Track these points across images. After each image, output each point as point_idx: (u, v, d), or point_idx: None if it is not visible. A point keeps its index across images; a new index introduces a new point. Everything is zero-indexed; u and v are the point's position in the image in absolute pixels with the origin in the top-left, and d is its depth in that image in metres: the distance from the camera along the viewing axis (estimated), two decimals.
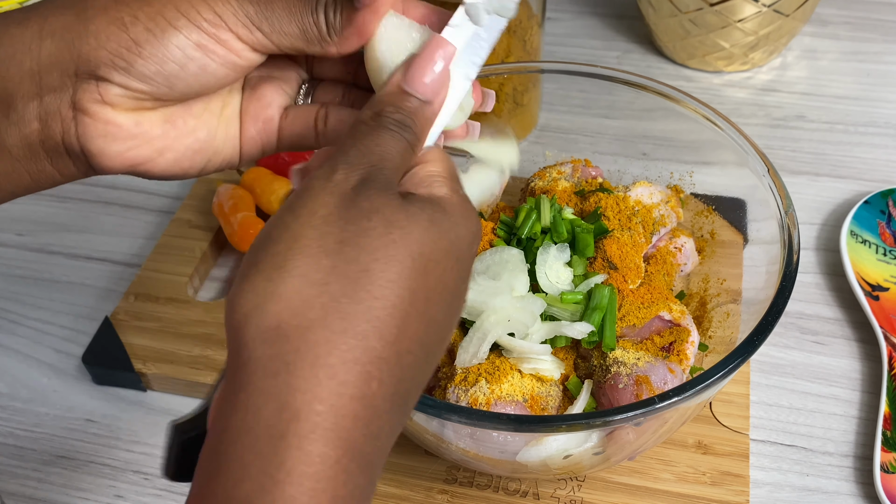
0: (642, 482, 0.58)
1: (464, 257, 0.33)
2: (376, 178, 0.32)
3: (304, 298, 0.29)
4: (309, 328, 0.29)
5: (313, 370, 0.28)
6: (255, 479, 0.27)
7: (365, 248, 0.30)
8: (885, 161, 0.82)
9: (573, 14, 1.03)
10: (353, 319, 0.29)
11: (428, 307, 0.31)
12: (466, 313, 0.52)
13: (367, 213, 0.31)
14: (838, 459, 0.60)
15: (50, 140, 0.37)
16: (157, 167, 0.39)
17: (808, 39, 0.97)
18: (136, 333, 0.68)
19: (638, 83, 0.62)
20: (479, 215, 0.62)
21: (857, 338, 0.67)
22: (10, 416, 0.66)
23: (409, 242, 0.31)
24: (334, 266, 0.30)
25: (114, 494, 0.61)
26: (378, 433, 0.29)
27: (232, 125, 0.41)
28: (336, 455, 0.28)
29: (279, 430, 0.28)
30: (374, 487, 0.31)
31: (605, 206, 0.59)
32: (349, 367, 0.29)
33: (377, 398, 0.29)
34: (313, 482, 0.27)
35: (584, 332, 0.52)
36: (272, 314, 0.29)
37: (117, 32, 0.35)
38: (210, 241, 0.75)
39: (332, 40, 0.37)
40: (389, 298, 0.30)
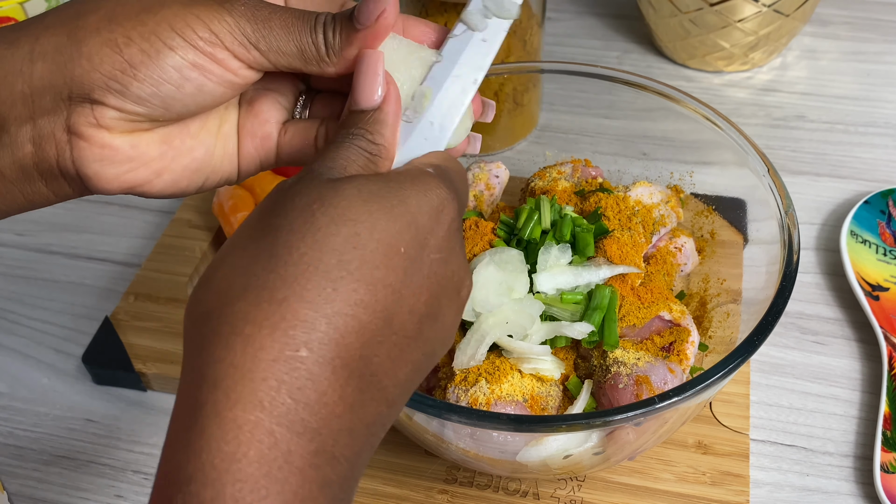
0: (642, 482, 0.58)
1: (421, 223, 0.32)
2: (309, 173, 0.33)
3: (228, 281, 0.30)
4: (228, 304, 0.29)
5: (228, 340, 0.29)
6: (181, 452, 0.28)
7: (284, 225, 0.31)
8: (885, 161, 0.82)
9: (573, 14, 1.03)
10: (269, 288, 0.29)
11: (365, 269, 0.30)
12: (465, 315, 0.52)
13: (290, 197, 0.32)
14: (838, 459, 0.60)
15: (44, 163, 0.36)
16: (155, 188, 0.38)
17: (808, 39, 0.97)
18: (136, 333, 0.68)
19: (638, 83, 0.62)
20: (479, 215, 0.62)
21: (857, 338, 0.67)
22: (10, 416, 0.66)
23: (329, 211, 0.31)
24: (258, 247, 0.31)
25: (114, 494, 0.61)
26: (319, 399, 0.29)
27: (230, 142, 0.40)
28: (255, 418, 0.28)
29: (200, 401, 0.28)
30: (338, 461, 0.30)
31: (605, 206, 0.59)
32: (266, 332, 0.29)
33: (307, 362, 0.29)
34: (232, 446, 0.27)
35: (584, 333, 0.52)
36: (203, 302, 0.30)
37: (111, 54, 0.34)
38: (210, 241, 0.75)
39: (330, 61, 0.37)
40: (308, 263, 0.30)
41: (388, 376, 0.31)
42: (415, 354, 0.33)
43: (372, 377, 0.31)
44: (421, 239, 0.32)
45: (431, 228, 0.33)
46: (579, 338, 0.53)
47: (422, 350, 0.33)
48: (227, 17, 0.35)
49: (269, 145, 0.40)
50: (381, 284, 0.31)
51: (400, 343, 0.32)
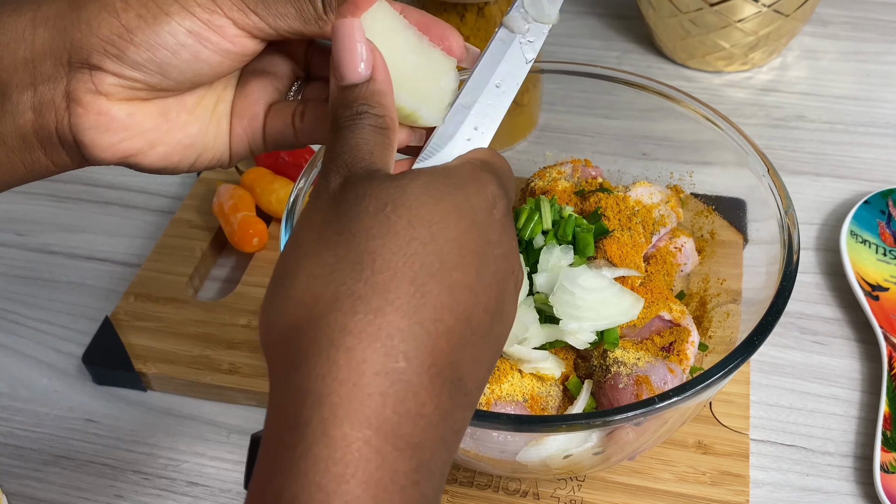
0: (642, 482, 0.58)
1: (481, 219, 0.32)
2: (355, 170, 0.32)
3: (314, 293, 0.29)
4: (321, 316, 0.29)
5: (329, 354, 0.28)
6: (284, 471, 0.27)
7: (360, 230, 0.30)
8: (885, 161, 0.82)
9: (573, 14, 1.03)
10: (362, 298, 0.29)
11: (445, 272, 0.30)
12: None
13: (356, 201, 0.31)
14: (838, 459, 0.60)
15: (44, 130, 0.36)
16: (148, 159, 0.38)
17: (808, 39, 0.97)
18: (136, 333, 0.68)
19: (638, 83, 0.62)
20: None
21: (857, 338, 0.67)
22: (10, 416, 0.66)
23: (403, 212, 0.30)
24: (337, 256, 0.30)
25: (114, 494, 0.61)
26: (419, 412, 0.28)
27: (223, 122, 0.40)
28: (363, 436, 0.27)
29: (304, 419, 0.27)
30: (434, 474, 0.29)
31: (605, 206, 0.59)
32: (366, 343, 0.28)
33: (407, 372, 0.28)
34: (340, 467, 0.27)
35: (584, 343, 0.52)
36: (288, 316, 0.29)
37: (109, 19, 0.35)
38: (210, 241, 0.75)
39: (328, 18, 0.36)
40: (395, 269, 0.29)
41: (472, 378, 0.31)
42: (489, 352, 0.32)
43: (460, 381, 0.30)
44: (484, 235, 0.32)
45: (490, 224, 0.33)
46: (580, 347, 0.53)
47: (493, 347, 0.33)
48: None
49: (256, 126, 0.40)
50: (461, 286, 0.30)
51: (478, 343, 0.31)
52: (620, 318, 0.53)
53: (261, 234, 0.73)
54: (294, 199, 0.54)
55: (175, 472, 0.62)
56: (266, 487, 0.28)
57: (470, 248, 0.31)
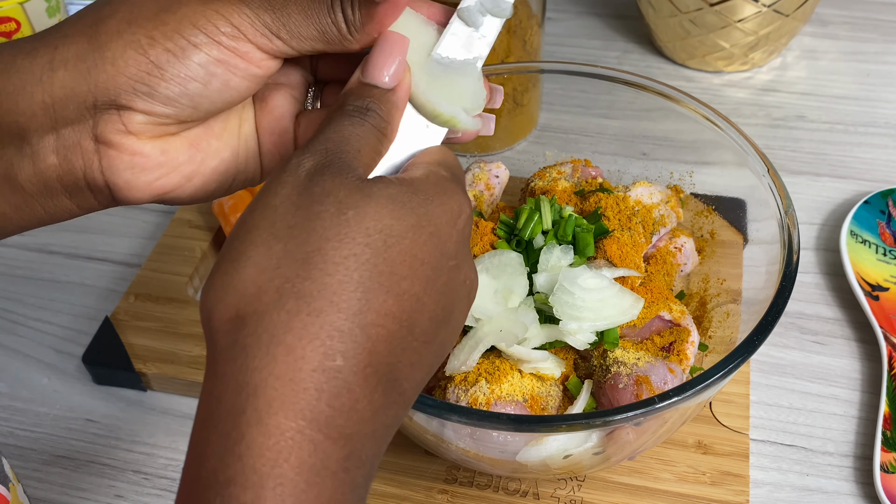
0: (642, 482, 0.58)
1: (442, 232, 0.33)
2: (332, 162, 0.32)
3: (258, 285, 0.30)
4: (265, 312, 0.29)
5: (269, 349, 0.29)
6: (219, 456, 0.28)
7: (315, 230, 0.30)
8: (885, 161, 0.82)
9: (573, 14, 1.03)
10: (307, 297, 0.29)
11: (394, 281, 0.31)
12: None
13: (318, 197, 0.31)
14: (838, 459, 0.60)
15: (69, 175, 0.36)
16: (185, 193, 0.38)
17: (808, 39, 0.97)
18: (136, 333, 0.68)
19: (638, 83, 0.62)
20: (479, 215, 0.62)
21: (857, 338, 0.67)
22: (10, 416, 0.66)
23: (362, 220, 0.31)
24: (286, 250, 0.30)
25: (114, 494, 0.61)
26: (353, 406, 0.29)
27: (251, 142, 0.40)
28: (297, 426, 0.28)
29: (239, 408, 0.28)
30: (364, 463, 0.30)
31: (605, 206, 0.59)
32: (306, 342, 0.29)
33: (343, 371, 0.29)
34: (274, 452, 0.28)
35: (585, 343, 0.52)
36: (230, 305, 0.30)
37: (136, 56, 0.34)
38: (210, 241, 0.75)
39: (354, 38, 0.36)
40: (344, 274, 0.30)
41: (408, 380, 0.32)
42: (430, 357, 0.33)
43: (395, 382, 0.31)
44: (441, 248, 0.33)
45: (450, 236, 0.33)
46: (580, 347, 0.53)
47: (435, 353, 0.34)
48: (246, 10, 0.35)
49: (287, 140, 0.40)
50: (407, 295, 0.31)
51: (419, 348, 0.32)
52: (620, 318, 0.53)
53: None
54: None
55: (175, 472, 0.62)
56: (200, 470, 0.29)
57: (423, 259, 0.32)
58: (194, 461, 0.29)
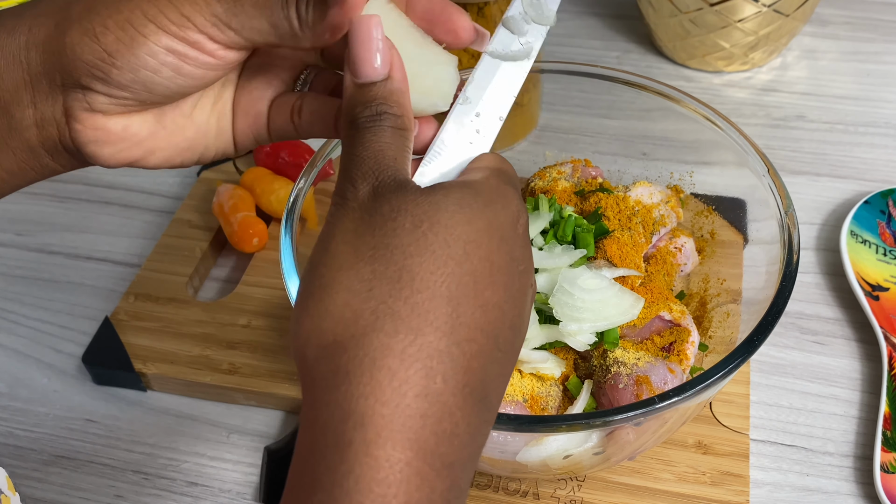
0: (642, 482, 0.58)
1: (508, 236, 0.32)
2: (384, 179, 0.32)
3: (353, 309, 0.29)
4: (363, 335, 0.29)
5: (372, 374, 0.28)
6: (326, 489, 0.27)
7: (398, 247, 0.30)
8: (885, 161, 0.82)
9: (573, 14, 1.03)
10: (403, 318, 0.29)
11: (478, 291, 0.30)
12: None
13: (391, 215, 0.31)
14: (838, 459, 0.60)
15: (49, 141, 0.38)
16: (150, 163, 0.40)
17: (808, 39, 0.97)
18: (136, 333, 0.68)
19: (638, 83, 0.62)
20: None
21: (857, 338, 0.67)
22: (10, 416, 0.66)
23: (439, 230, 0.30)
24: (374, 272, 0.30)
25: (114, 494, 0.61)
26: (454, 431, 0.29)
27: (224, 118, 0.40)
28: (405, 458, 0.27)
29: (346, 439, 0.28)
30: (462, 492, 0.29)
31: (605, 206, 0.59)
32: (408, 364, 0.28)
33: (445, 394, 0.28)
34: (383, 488, 0.27)
35: (585, 344, 0.52)
36: (327, 331, 0.30)
37: (90, 44, 0.35)
38: (210, 241, 0.75)
39: (304, 35, 0.36)
40: (433, 289, 0.29)
41: (496, 393, 0.31)
42: (510, 367, 0.33)
43: (487, 399, 0.31)
44: (510, 253, 0.32)
45: (515, 240, 0.33)
46: (580, 349, 0.53)
47: (512, 361, 0.33)
48: (199, 0, 0.35)
49: (261, 122, 0.41)
50: (491, 304, 0.31)
51: (503, 360, 0.32)
52: (620, 318, 0.53)
53: (261, 234, 0.73)
54: (294, 199, 0.54)
55: (175, 472, 0.62)
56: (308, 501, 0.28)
57: (499, 265, 0.31)
58: (301, 491, 0.28)
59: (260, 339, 0.67)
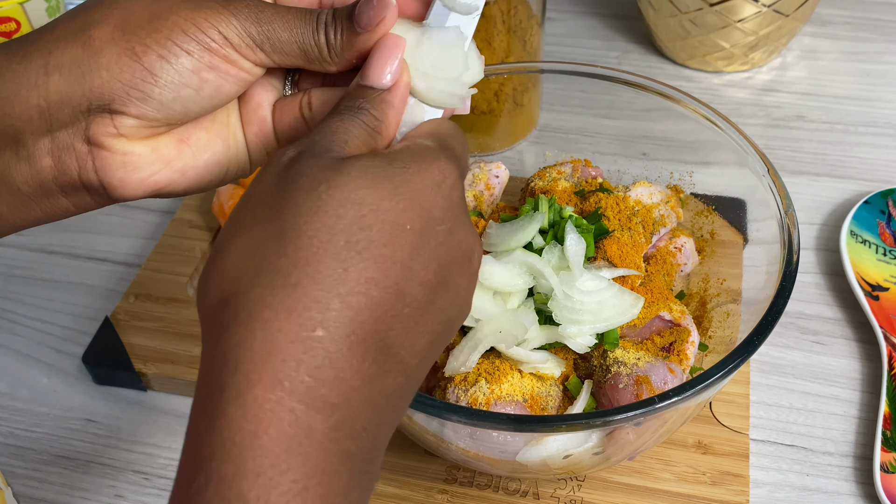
0: (642, 482, 0.58)
1: (422, 199, 0.32)
2: (311, 148, 0.33)
3: (239, 267, 0.30)
4: (244, 290, 0.30)
5: (247, 325, 0.29)
6: (202, 433, 0.29)
7: (291, 207, 0.31)
8: (885, 161, 0.82)
9: (573, 14, 1.03)
10: (283, 272, 0.30)
11: (373, 248, 0.31)
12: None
13: (294, 177, 0.32)
14: (838, 459, 0.60)
15: (65, 176, 0.37)
16: (180, 186, 0.39)
17: (808, 39, 0.97)
18: (136, 333, 0.68)
19: (638, 83, 0.62)
20: (479, 215, 0.62)
21: (857, 338, 0.67)
22: (10, 416, 0.66)
23: (334, 192, 0.31)
24: (265, 230, 0.31)
25: (114, 494, 0.61)
26: (337, 375, 0.29)
27: (238, 133, 0.41)
28: (275, 397, 0.28)
29: (220, 384, 0.29)
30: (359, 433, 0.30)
31: (605, 206, 0.59)
32: (283, 315, 0.29)
33: (324, 340, 0.29)
34: (253, 424, 0.28)
35: (585, 346, 0.52)
36: (215, 289, 0.31)
37: (130, 63, 0.35)
38: (210, 241, 0.75)
39: (332, 61, 0.37)
40: (319, 246, 0.30)
41: (405, 348, 0.32)
42: (430, 324, 0.33)
43: (388, 350, 0.31)
44: (425, 213, 0.32)
45: (434, 201, 0.33)
46: (580, 351, 0.53)
47: (437, 319, 0.33)
48: (234, 21, 0.36)
49: (267, 129, 0.41)
50: (390, 261, 0.31)
51: (413, 315, 0.32)
52: (620, 318, 0.53)
53: None
54: None
55: (175, 472, 0.61)
56: (189, 450, 0.29)
57: (405, 225, 0.32)
58: (186, 442, 0.30)
59: None
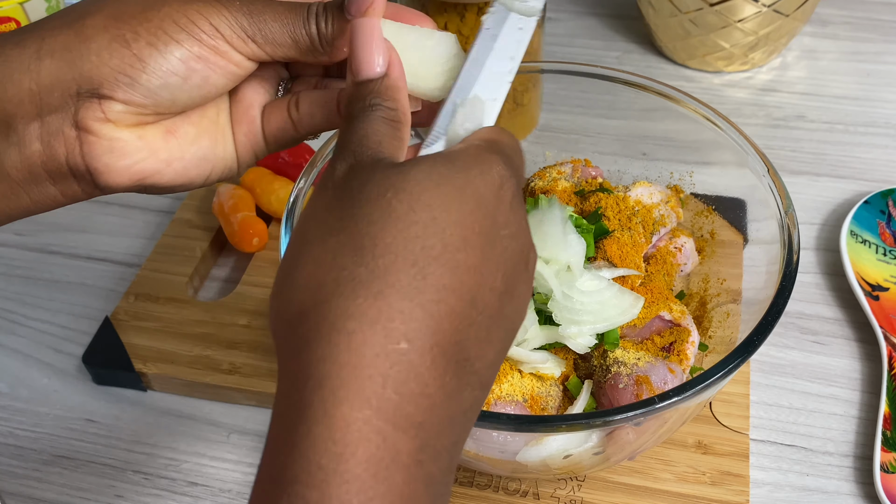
0: (642, 482, 0.58)
1: (487, 200, 0.32)
2: (361, 159, 0.33)
3: (317, 279, 0.30)
4: (324, 302, 0.29)
5: (330, 338, 0.28)
6: (286, 453, 0.28)
7: (362, 216, 0.30)
8: (885, 161, 0.82)
9: (573, 14, 1.03)
10: (363, 282, 0.29)
11: (447, 253, 0.30)
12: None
13: (359, 188, 0.31)
14: (838, 459, 0.60)
15: (53, 161, 0.37)
16: (164, 178, 0.39)
17: (808, 39, 0.97)
18: (136, 333, 0.68)
19: (638, 83, 0.62)
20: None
21: (857, 338, 0.67)
22: (10, 416, 0.66)
23: (403, 197, 0.30)
24: (339, 241, 0.30)
25: (114, 494, 0.61)
26: (423, 392, 0.28)
27: (227, 132, 0.41)
28: (363, 416, 0.27)
29: (305, 401, 0.28)
30: (440, 454, 0.29)
31: (605, 206, 0.59)
32: (366, 326, 0.28)
33: (409, 353, 0.28)
34: (340, 447, 0.27)
35: (585, 347, 0.52)
36: (294, 302, 0.30)
37: (120, 49, 0.36)
38: (210, 241, 0.75)
39: (324, 51, 0.38)
40: (396, 253, 0.29)
41: (480, 358, 0.31)
42: (499, 333, 0.32)
43: (466, 362, 0.30)
44: (491, 216, 0.32)
45: (497, 205, 0.32)
46: (581, 351, 0.53)
47: (504, 327, 0.33)
48: (225, 12, 0.36)
49: (256, 130, 0.41)
50: (464, 267, 0.30)
51: (486, 323, 0.31)
52: (620, 318, 0.53)
53: (261, 234, 0.73)
54: (294, 199, 0.54)
55: (175, 472, 0.62)
56: (270, 469, 0.28)
57: (474, 229, 0.31)
58: (266, 460, 0.29)
59: (260, 339, 0.67)
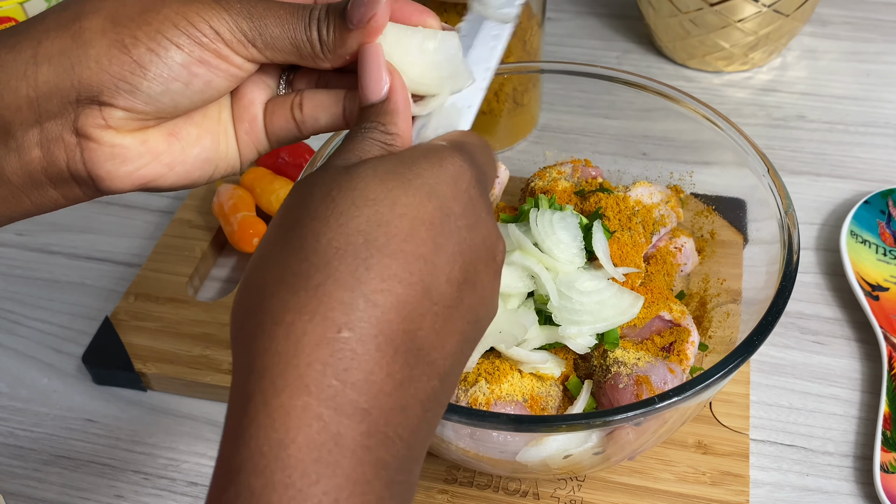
0: (642, 482, 0.58)
1: (439, 192, 0.32)
2: (325, 165, 0.34)
3: (265, 278, 0.31)
4: (267, 298, 0.30)
5: (271, 331, 0.29)
6: (232, 444, 0.28)
7: (308, 214, 0.31)
8: (885, 161, 0.82)
9: (573, 14, 1.03)
10: (304, 276, 0.30)
11: (394, 244, 0.30)
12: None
13: (308, 189, 0.32)
14: (838, 459, 0.60)
15: (53, 167, 0.36)
16: (168, 181, 0.39)
17: (808, 39, 0.97)
18: (136, 333, 0.68)
19: (638, 83, 0.62)
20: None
21: (857, 338, 0.67)
22: (10, 416, 0.66)
23: (347, 194, 0.31)
24: (286, 240, 0.31)
25: (114, 494, 0.61)
26: (367, 378, 0.29)
27: (229, 130, 0.41)
28: (303, 403, 0.28)
29: (249, 393, 0.29)
30: (392, 440, 0.29)
31: (605, 206, 0.59)
32: (307, 318, 0.29)
33: (350, 342, 0.29)
34: (280, 433, 0.27)
35: (585, 347, 0.52)
36: (243, 305, 0.31)
37: (119, 55, 0.35)
38: (210, 241, 0.75)
39: (325, 57, 0.37)
40: (337, 247, 0.30)
41: (437, 349, 0.31)
42: (459, 324, 0.32)
43: (419, 351, 0.30)
44: (444, 208, 0.32)
45: (453, 196, 0.33)
46: (580, 352, 0.53)
47: (466, 318, 0.33)
48: (225, 16, 0.36)
49: (258, 127, 0.41)
50: (413, 256, 0.30)
51: (442, 313, 0.31)
52: (620, 318, 0.53)
53: (261, 234, 0.73)
54: None
55: (175, 472, 0.62)
56: (221, 461, 0.29)
57: (424, 220, 0.31)
58: (218, 454, 0.29)
59: None
